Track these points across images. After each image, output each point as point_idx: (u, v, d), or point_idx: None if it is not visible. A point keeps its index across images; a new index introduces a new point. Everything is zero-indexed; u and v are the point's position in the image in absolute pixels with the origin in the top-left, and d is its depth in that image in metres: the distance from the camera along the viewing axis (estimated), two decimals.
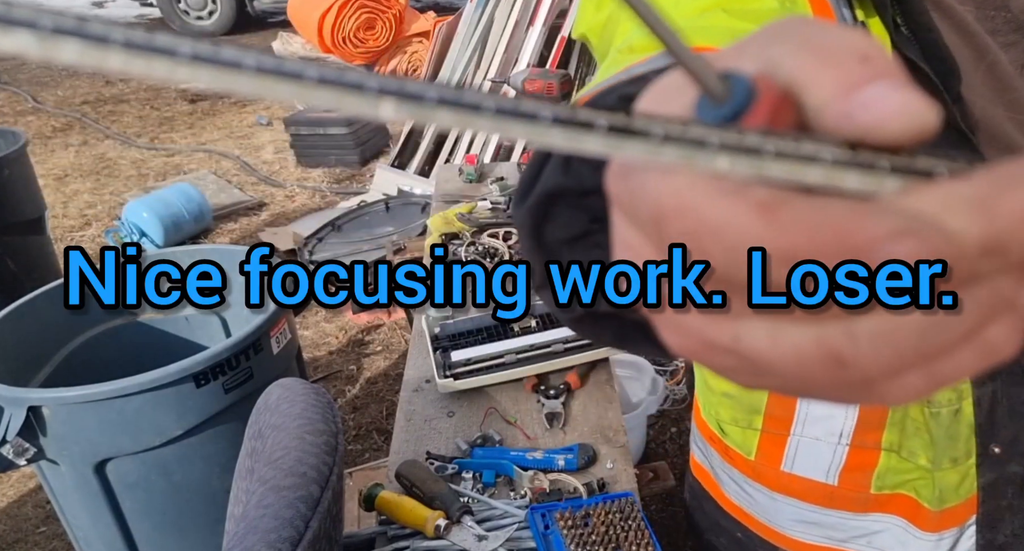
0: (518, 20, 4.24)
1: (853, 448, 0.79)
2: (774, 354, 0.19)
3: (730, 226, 0.18)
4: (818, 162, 0.18)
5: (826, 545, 0.86)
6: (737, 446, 0.88)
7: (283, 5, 7.34)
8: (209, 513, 1.66)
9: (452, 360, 1.28)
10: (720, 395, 0.87)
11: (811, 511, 0.85)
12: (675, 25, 0.18)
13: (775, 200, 0.18)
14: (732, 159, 0.18)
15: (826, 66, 0.19)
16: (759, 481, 0.88)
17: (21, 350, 1.75)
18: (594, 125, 0.17)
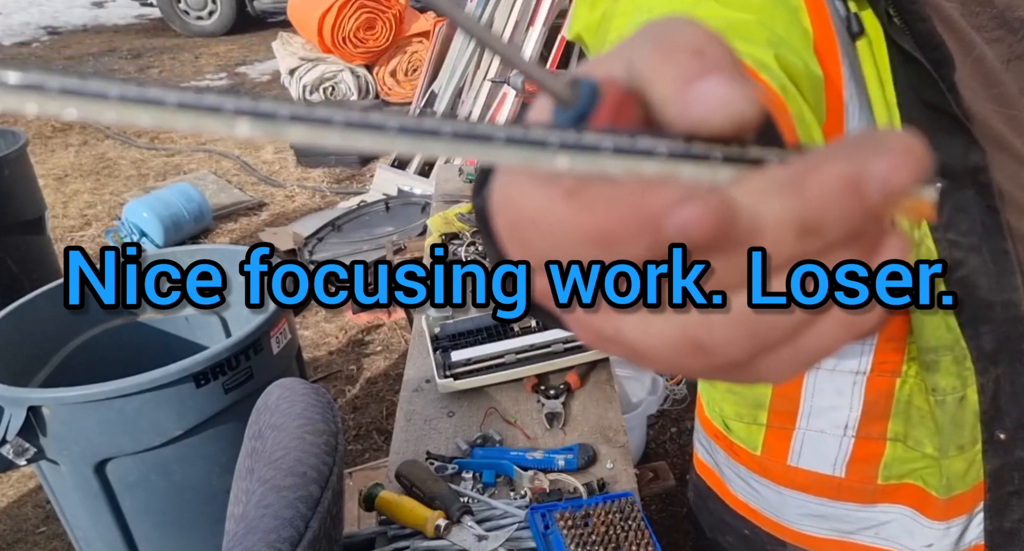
0: (518, 20, 4.24)
1: (859, 439, 0.79)
2: (648, 343, 0.21)
3: (542, 213, 0.20)
4: (654, 156, 0.18)
5: (834, 538, 0.86)
6: (743, 442, 0.87)
7: (283, 5, 7.34)
8: (209, 513, 1.66)
9: (452, 360, 1.28)
10: (724, 391, 0.87)
11: (819, 504, 0.85)
12: (505, 41, 0.19)
13: (579, 185, 0.19)
14: (572, 158, 0.18)
15: (667, 63, 0.20)
16: (766, 476, 0.87)
17: (21, 350, 1.75)
18: (440, 133, 0.18)
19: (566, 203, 0.19)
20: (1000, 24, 0.70)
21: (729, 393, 0.87)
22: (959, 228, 0.67)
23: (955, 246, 0.67)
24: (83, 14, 10.64)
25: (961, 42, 0.68)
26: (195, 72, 7.50)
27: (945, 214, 0.67)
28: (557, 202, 0.19)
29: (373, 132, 0.18)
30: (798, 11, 0.62)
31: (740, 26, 0.54)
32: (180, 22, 8.89)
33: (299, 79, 5.99)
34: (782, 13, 0.60)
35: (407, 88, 6.12)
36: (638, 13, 0.60)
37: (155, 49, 8.48)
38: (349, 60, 5.99)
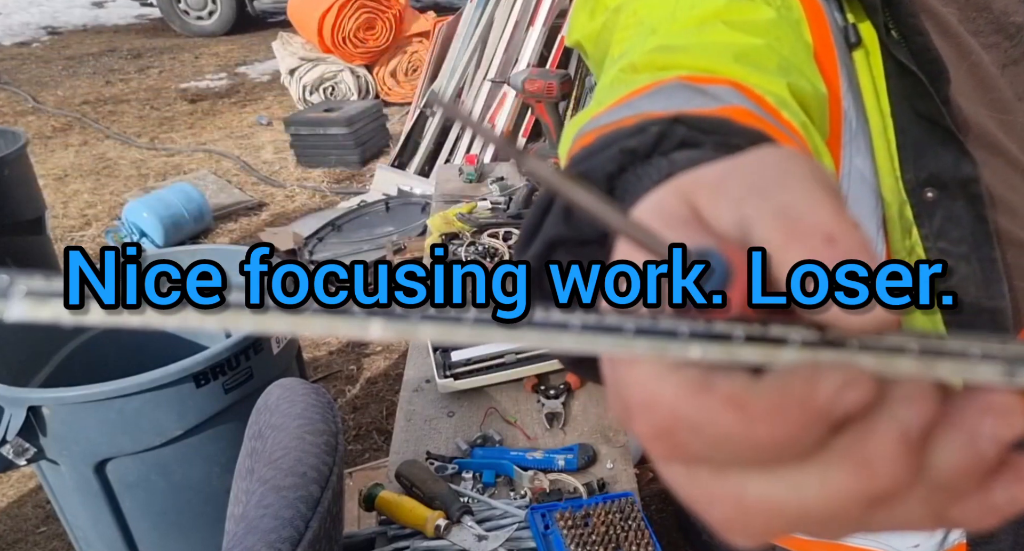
0: (518, 20, 4.24)
1: None
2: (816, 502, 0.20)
3: (706, 423, 0.19)
4: (788, 344, 0.19)
5: (827, 541, 0.85)
6: None
7: (283, 5, 7.34)
8: (209, 513, 1.66)
9: (452, 360, 1.28)
10: None
11: None
12: (642, 223, 0.20)
13: (740, 393, 0.19)
14: (704, 347, 0.19)
15: (793, 242, 0.20)
16: None
17: (21, 350, 1.75)
18: (568, 326, 0.19)
19: (733, 414, 0.19)
20: (996, 29, 0.71)
21: None
22: (950, 237, 0.68)
23: (945, 255, 0.68)
24: (83, 14, 10.63)
25: (958, 47, 0.69)
26: (195, 72, 7.50)
27: (936, 223, 0.69)
28: (722, 413, 0.19)
29: (506, 329, 0.19)
30: (800, 24, 0.63)
31: (752, 53, 0.54)
32: (180, 22, 8.89)
33: (299, 79, 5.99)
34: (787, 31, 0.60)
35: (407, 88, 6.12)
36: (640, 27, 0.59)
37: (155, 49, 8.48)
38: (349, 60, 5.99)
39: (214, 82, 7.11)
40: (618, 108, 0.46)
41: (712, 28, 0.56)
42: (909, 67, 0.63)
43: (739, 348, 0.19)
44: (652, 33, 0.58)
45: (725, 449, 0.19)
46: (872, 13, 0.64)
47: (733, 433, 0.19)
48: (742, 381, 0.19)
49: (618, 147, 0.38)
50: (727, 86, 0.48)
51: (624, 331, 0.19)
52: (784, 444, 0.19)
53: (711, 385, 0.19)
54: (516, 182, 2.01)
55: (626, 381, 0.20)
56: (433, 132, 4.46)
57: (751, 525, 0.21)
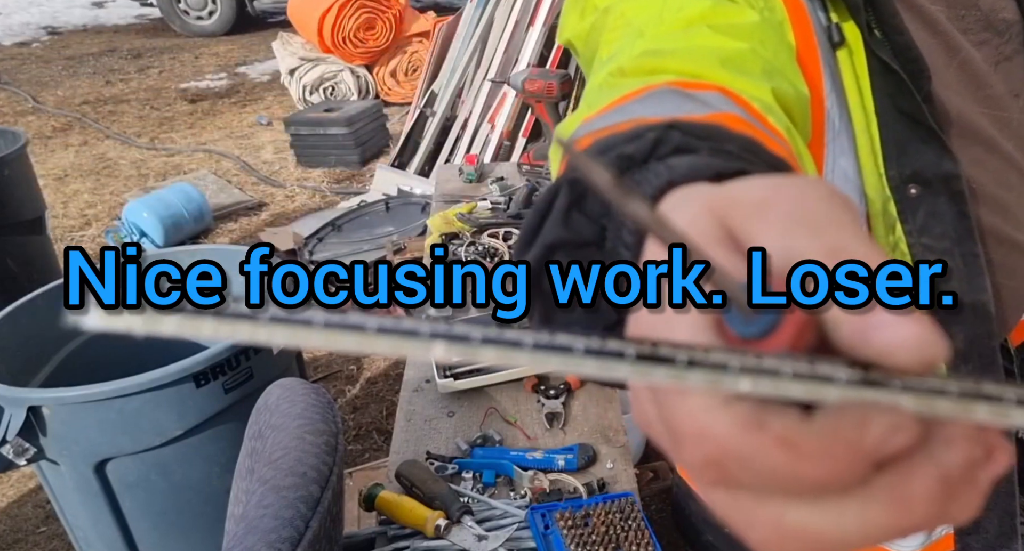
0: (518, 20, 4.24)
1: None
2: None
3: (756, 458, 0.20)
4: (833, 382, 0.19)
5: None
6: None
7: (283, 5, 7.33)
8: (209, 513, 1.66)
9: (452, 360, 1.28)
10: None
11: None
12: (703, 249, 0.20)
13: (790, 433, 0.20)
14: (754, 381, 0.19)
15: None
16: None
17: (21, 350, 1.75)
18: (624, 355, 0.19)
19: (784, 453, 0.20)
20: (986, 26, 0.71)
21: None
22: (932, 233, 0.70)
23: (928, 250, 0.69)
24: (83, 14, 10.63)
25: (947, 45, 0.70)
26: (195, 72, 7.50)
27: (920, 219, 0.70)
28: (773, 451, 0.20)
29: (561, 354, 0.19)
30: (783, 25, 0.63)
31: (737, 58, 0.54)
32: (180, 22, 8.89)
33: (299, 79, 5.99)
34: (770, 34, 0.61)
35: (407, 88, 6.12)
36: (628, 29, 0.60)
37: (155, 49, 8.48)
38: (349, 60, 5.99)
39: (214, 82, 7.11)
40: (610, 113, 0.47)
41: (698, 32, 0.56)
42: (892, 66, 0.64)
43: (787, 384, 0.19)
44: (640, 35, 0.58)
45: (771, 481, 0.20)
46: (855, 12, 0.64)
47: (781, 469, 0.20)
48: (793, 421, 0.20)
49: (615, 153, 0.38)
50: (716, 92, 0.49)
51: (678, 363, 0.19)
52: (829, 481, 0.20)
53: (764, 423, 0.20)
54: (516, 182, 2.01)
55: (676, 410, 0.21)
56: (433, 132, 4.45)
57: (786, 548, 0.22)
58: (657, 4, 0.60)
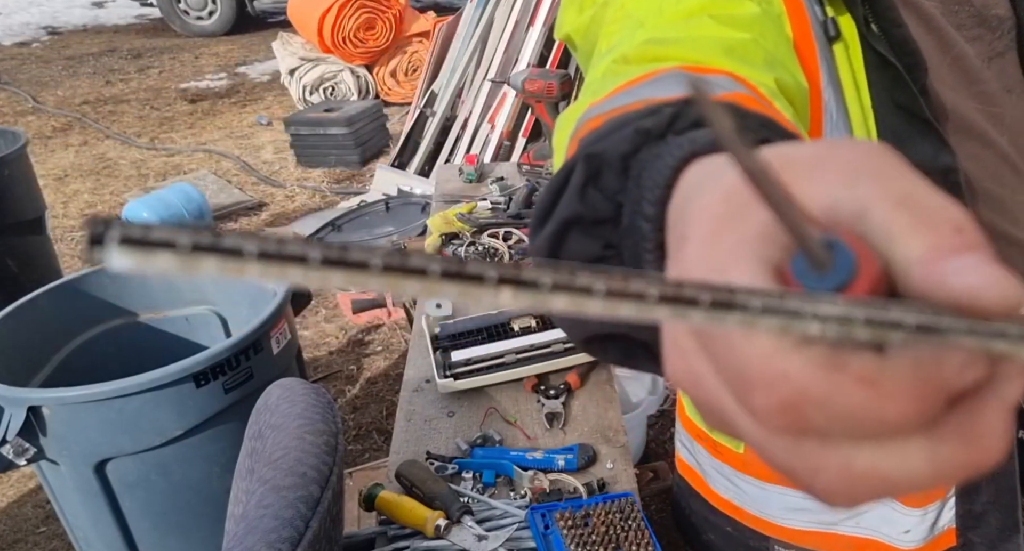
0: (518, 20, 4.24)
1: None
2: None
3: (836, 399, 0.20)
4: (902, 328, 0.19)
5: (817, 529, 0.90)
6: (726, 440, 0.89)
7: (283, 5, 7.33)
8: (209, 513, 1.66)
9: (452, 360, 1.28)
10: None
11: (802, 497, 0.86)
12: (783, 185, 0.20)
13: (872, 372, 0.20)
14: (824, 326, 0.19)
15: (921, 227, 0.21)
16: (748, 473, 0.90)
17: (21, 350, 1.75)
18: (697, 301, 0.19)
19: (865, 392, 0.20)
20: (979, 22, 0.72)
21: None
22: None
23: None
24: (83, 14, 10.63)
25: (940, 41, 0.70)
26: (195, 72, 7.50)
27: None
28: (854, 391, 0.20)
29: (635, 301, 0.19)
30: (781, 17, 0.64)
31: (740, 47, 0.54)
32: (180, 22, 8.89)
33: (299, 79, 5.99)
34: (770, 26, 0.61)
35: (407, 88, 6.12)
36: (628, 21, 0.60)
37: (155, 49, 8.48)
38: (349, 60, 5.99)
39: (214, 82, 7.11)
40: (618, 96, 0.46)
41: (699, 22, 0.56)
42: (888, 59, 0.64)
43: (857, 328, 0.19)
44: (640, 26, 0.58)
45: (848, 424, 0.20)
46: (852, 6, 0.65)
47: (861, 408, 0.20)
48: (872, 360, 0.20)
49: (632, 128, 0.38)
50: (725, 76, 0.49)
51: (751, 309, 0.19)
52: (906, 420, 0.20)
53: (842, 363, 0.20)
54: (516, 182, 2.01)
55: (745, 356, 0.21)
56: (433, 132, 4.45)
57: (855, 492, 0.22)
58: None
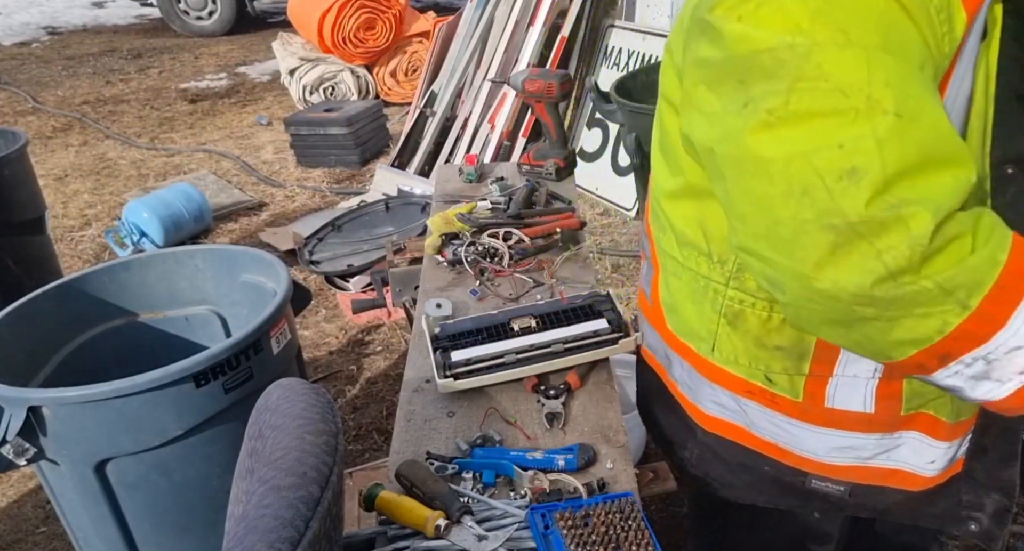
0: (518, 20, 4.24)
1: (883, 381, 0.92)
2: None
3: None
4: None
5: (854, 464, 1.00)
6: (785, 392, 0.97)
7: (283, 5, 7.33)
8: (209, 513, 1.66)
9: (452, 360, 1.28)
10: (773, 349, 0.96)
11: (850, 437, 0.97)
12: None
13: None
14: None
15: None
16: (803, 419, 0.98)
17: (21, 350, 1.75)
18: None
19: None
20: None
21: (778, 350, 0.95)
22: (1018, 209, 0.77)
23: (1012, 225, 0.72)
24: (83, 14, 10.63)
25: None
26: (195, 72, 7.50)
27: (1009, 195, 0.78)
28: None
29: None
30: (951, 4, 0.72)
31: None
32: (180, 22, 8.89)
33: (299, 79, 5.99)
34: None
35: (407, 88, 6.12)
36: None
37: (155, 49, 8.48)
38: (349, 60, 5.99)
39: (214, 82, 7.11)
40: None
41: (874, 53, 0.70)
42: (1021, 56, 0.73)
43: None
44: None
45: None
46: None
47: None
48: None
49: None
50: None
51: None
52: None
53: None
54: (516, 182, 2.01)
55: None
56: (433, 132, 4.46)
57: None
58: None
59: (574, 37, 4.30)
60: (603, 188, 4.12)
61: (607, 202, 4.07)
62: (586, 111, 4.33)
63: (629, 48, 4.12)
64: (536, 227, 1.72)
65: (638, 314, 1.23)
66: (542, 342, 1.30)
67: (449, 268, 1.68)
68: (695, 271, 0.99)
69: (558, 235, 1.70)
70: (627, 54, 4.13)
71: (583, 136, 4.30)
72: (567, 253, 1.68)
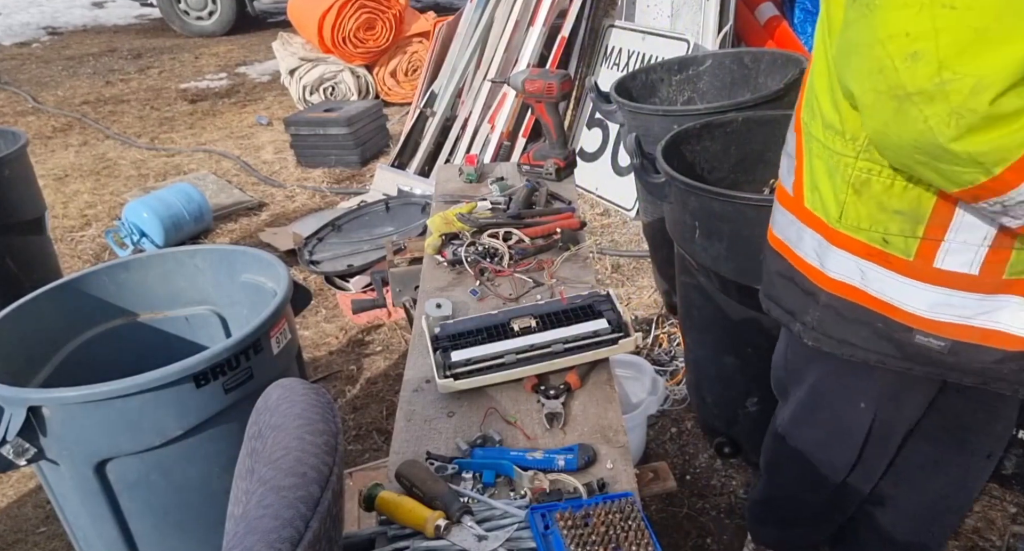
0: (518, 20, 4.24)
1: (992, 249, 1.06)
2: None
3: None
4: None
5: (956, 322, 1.14)
6: (899, 252, 1.14)
7: (283, 5, 7.34)
8: (209, 513, 1.66)
9: (452, 360, 1.28)
10: (892, 213, 1.13)
11: (954, 295, 1.12)
12: None
13: None
14: None
15: None
16: (912, 276, 1.15)
17: (21, 350, 1.75)
18: None
19: None
20: None
21: (896, 214, 1.12)
22: None
23: None
24: (83, 14, 10.64)
25: None
26: (195, 72, 7.50)
27: None
28: None
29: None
30: None
31: None
32: (180, 22, 8.89)
33: (299, 79, 5.99)
34: None
35: (407, 88, 6.12)
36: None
37: (155, 49, 8.48)
38: (349, 60, 5.99)
39: (214, 82, 7.12)
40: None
41: None
42: None
43: None
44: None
45: None
46: None
47: None
48: None
49: None
50: None
51: None
52: None
53: None
54: (516, 182, 2.01)
55: None
56: (433, 132, 4.46)
57: None
58: None
59: (574, 37, 4.30)
60: (603, 188, 4.12)
61: (607, 202, 4.07)
62: (586, 111, 4.33)
63: (629, 48, 4.12)
64: (536, 227, 1.72)
65: (774, 205, 1.41)
66: (542, 342, 1.30)
67: (449, 268, 1.68)
68: (832, 149, 1.17)
69: (558, 235, 1.70)
70: (627, 54, 4.13)
71: (583, 136, 4.30)
72: (567, 253, 1.68)
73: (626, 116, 2.66)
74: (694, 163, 2.22)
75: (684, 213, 1.96)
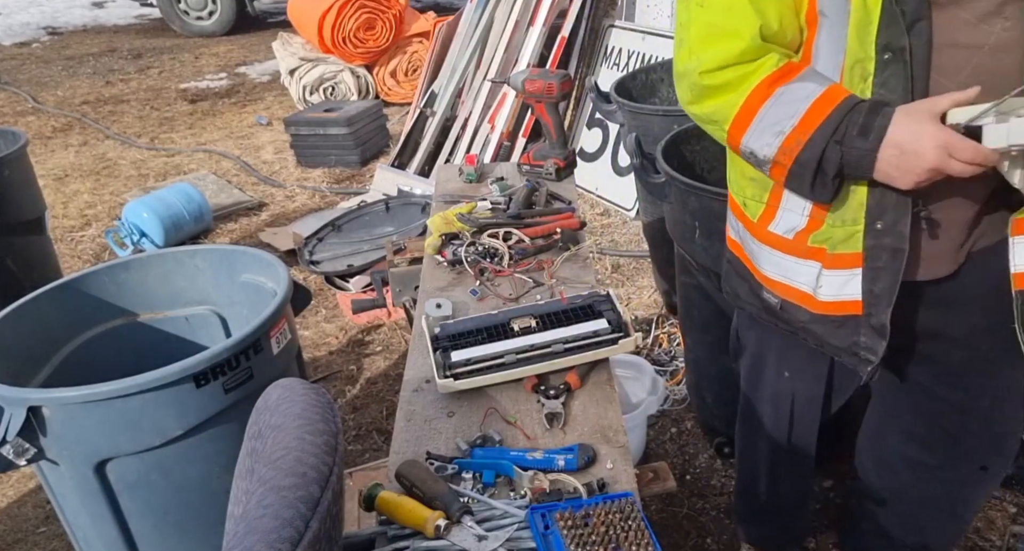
0: (518, 20, 4.24)
1: (810, 218, 1.23)
2: None
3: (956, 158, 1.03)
4: None
5: (781, 281, 1.33)
6: (751, 215, 1.34)
7: (283, 5, 7.33)
8: (209, 513, 1.66)
9: (452, 360, 1.28)
10: (748, 179, 1.32)
11: (779, 256, 1.32)
12: None
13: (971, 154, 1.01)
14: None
15: None
16: (758, 238, 1.34)
17: (21, 350, 1.75)
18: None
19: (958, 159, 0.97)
20: None
21: (751, 181, 1.32)
22: (888, 86, 1.07)
23: (882, 98, 1.08)
24: (83, 14, 10.64)
25: None
26: (195, 72, 7.50)
27: (885, 76, 1.07)
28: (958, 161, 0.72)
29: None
30: None
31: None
32: (180, 22, 8.89)
33: (299, 79, 5.99)
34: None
35: (407, 88, 6.12)
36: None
37: (155, 49, 8.48)
38: (349, 60, 5.99)
39: (214, 82, 7.11)
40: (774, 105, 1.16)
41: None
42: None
43: None
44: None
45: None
46: None
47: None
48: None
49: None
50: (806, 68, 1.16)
51: None
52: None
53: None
54: (516, 182, 2.01)
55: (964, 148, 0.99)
56: (433, 132, 4.45)
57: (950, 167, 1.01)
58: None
59: (574, 37, 4.30)
60: (603, 188, 4.12)
61: (607, 202, 4.07)
62: (586, 111, 4.33)
63: (629, 48, 4.13)
64: (536, 227, 1.72)
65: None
66: (542, 342, 1.30)
67: (449, 268, 1.68)
68: None
69: (558, 235, 1.70)
70: (627, 54, 4.13)
71: (583, 136, 4.30)
72: (567, 253, 1.68)
73: (626, 116, 2.66)
74: (694, 163, 2.22)
75: (684, 213, 1.97)
